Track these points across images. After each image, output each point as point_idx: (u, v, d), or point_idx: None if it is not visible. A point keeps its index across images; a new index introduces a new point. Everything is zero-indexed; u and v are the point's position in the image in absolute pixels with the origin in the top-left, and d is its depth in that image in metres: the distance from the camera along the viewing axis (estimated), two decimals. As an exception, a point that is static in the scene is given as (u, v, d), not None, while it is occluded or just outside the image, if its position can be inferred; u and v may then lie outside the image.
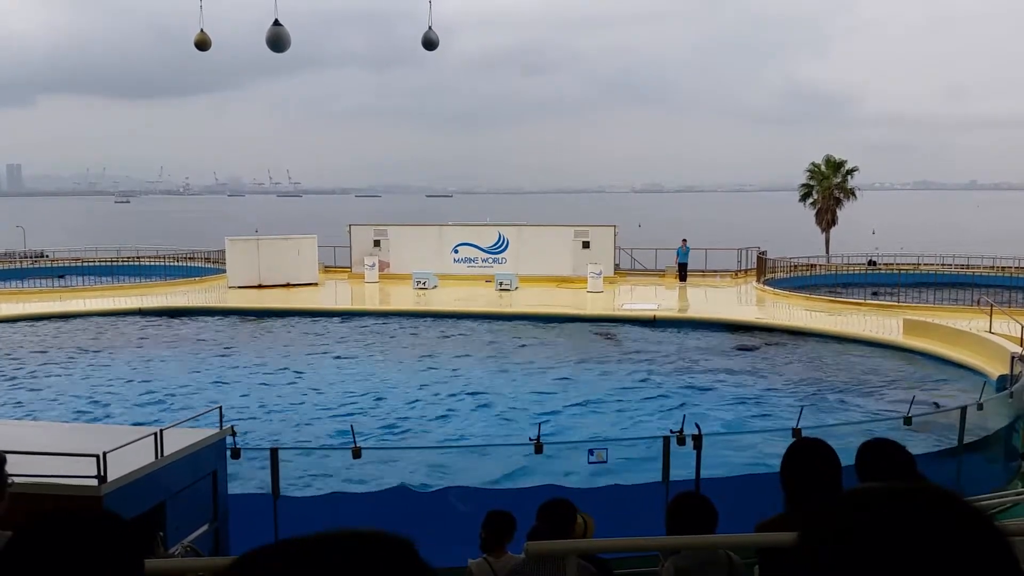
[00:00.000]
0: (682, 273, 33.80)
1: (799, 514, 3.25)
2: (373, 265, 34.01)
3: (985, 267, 34.16)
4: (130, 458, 6.44)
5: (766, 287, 31.46)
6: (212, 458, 7.76)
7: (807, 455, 3.46)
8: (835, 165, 42.42)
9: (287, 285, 32.50)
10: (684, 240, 34.41)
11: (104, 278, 34.31)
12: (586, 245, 34.07)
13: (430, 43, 21.55)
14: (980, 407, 12.18)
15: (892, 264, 35.83)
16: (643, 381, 19.03)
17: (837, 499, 0.92)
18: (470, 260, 35.11)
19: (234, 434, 8.72)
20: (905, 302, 27.08)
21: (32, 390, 18.58)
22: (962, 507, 0.87)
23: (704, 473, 9.57)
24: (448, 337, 24.24)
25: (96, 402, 17.64)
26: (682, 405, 16.19)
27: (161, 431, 6.92)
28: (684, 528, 4.29)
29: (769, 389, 18.31)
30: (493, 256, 35.00)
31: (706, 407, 16.58)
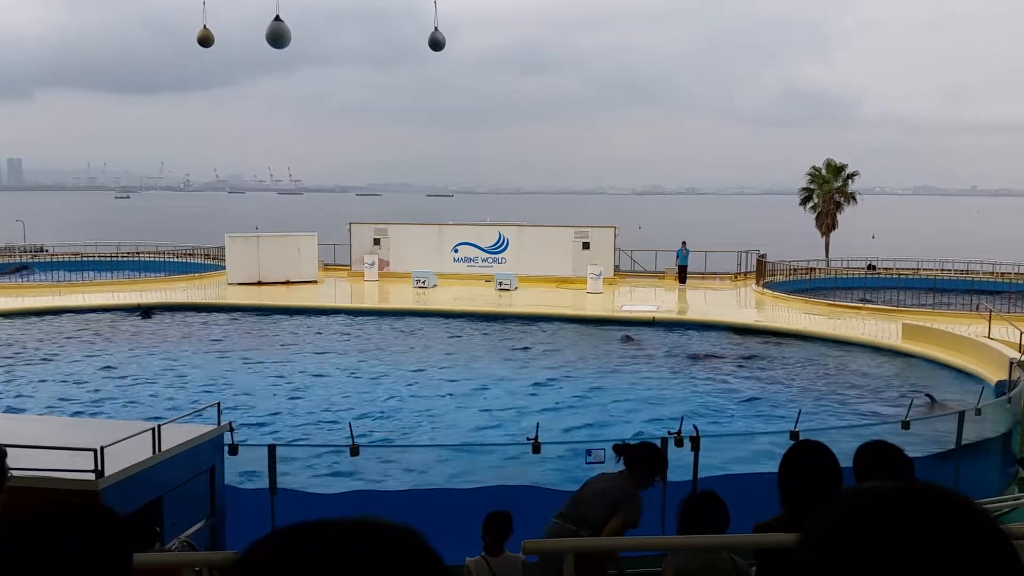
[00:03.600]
0: (681, 275, 33.83)
1: (799, 516, 3.25)
2: (373, 263, 34.02)
3: (985, 273, 34.17)
4: (128, 453, 6.43)
5: (765, 290, 31.45)
6: (210, 454, 7.75)
7: (806, 458, 3.46)
8: (836, 169, 42.44)
9: (287, 282, 32.49)
10: (684, 242, 34.41)
11: (104, 273, 34.29)
12: (586, 246, 34.07)
13: (437, 43, 21.48)
14: (978, 412, 12.18)
15: (892, 268, 35.84)
16: (641, 382, 19.04)
17: (839, 500, 0.91)
18: (470, 260, 35.11)
19: (232, 430, 8.72)
20: (904, 306, 27.08)
21: (30, 384, 18.57)
22: (965, 506, 0.87)
23: (701, 474, 9.57)
24: (447, 336, 24.24)
25: (94, 397, 17.64)
26: (681, 406, 16.17)
27: (159, 426, 6.91)
28: (695, 529, 4.28)
29: (767, 391, 18.31)
30: (493, 256, 35.00)
31: (704, 408, 16.58)
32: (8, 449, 4.29)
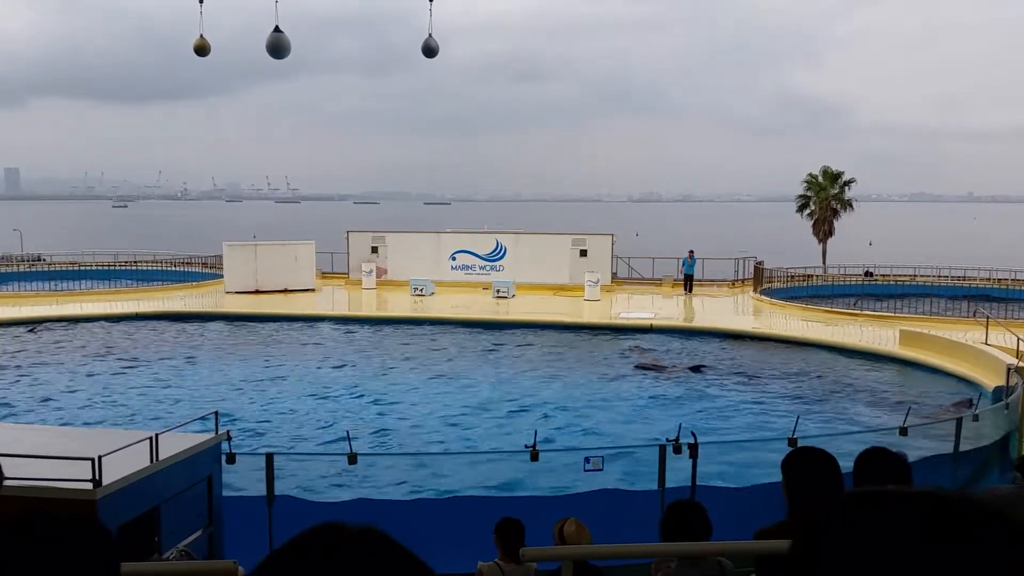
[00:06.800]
0: (687, 284, 33.52)
1: (797, 521, 3.25)
2: (371, 272, 33.98)
3: (982, 279, 34.21)
4: (125, 462, 6.42)
5: (763, 297, 31.47)
6: (207, 463, 7.73)
7: (806, 463, 3.47)
8: (832, 176, 42.53)
9: (284, 291, 32.47)
10: (691, 251, 34.04)
11: (102, 282, 34.26)
12: (583, 253, 34.09)
13: (430, 50, 21.59)
14: (976, 418, 12.21)
15: (889, 275, 35.86)
16: (638, 389, 19.03)
17: (827, 504, 0.92)
18: (467, 267, 35.12)
19: (229, 439, 8.71)
20: (902, 313, 27.09)
21: (28, 394, 18.53)
22: (972, 505, 0.86)
23: (700, 481, 9.57)
24: (444, 344, 24.22)
25: (92, 406, 17.60)
26: (678, 413, 16.17)
27: (157, 435, 6.89)
28: (678, 537, 4.27)
29: (765, 398, 18.31)
30: (491, 264, 35.01)
31: (702, 415, 16.58)
32: (5, 458, 4.28)
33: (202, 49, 21.55)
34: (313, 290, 33.45)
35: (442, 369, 21.10)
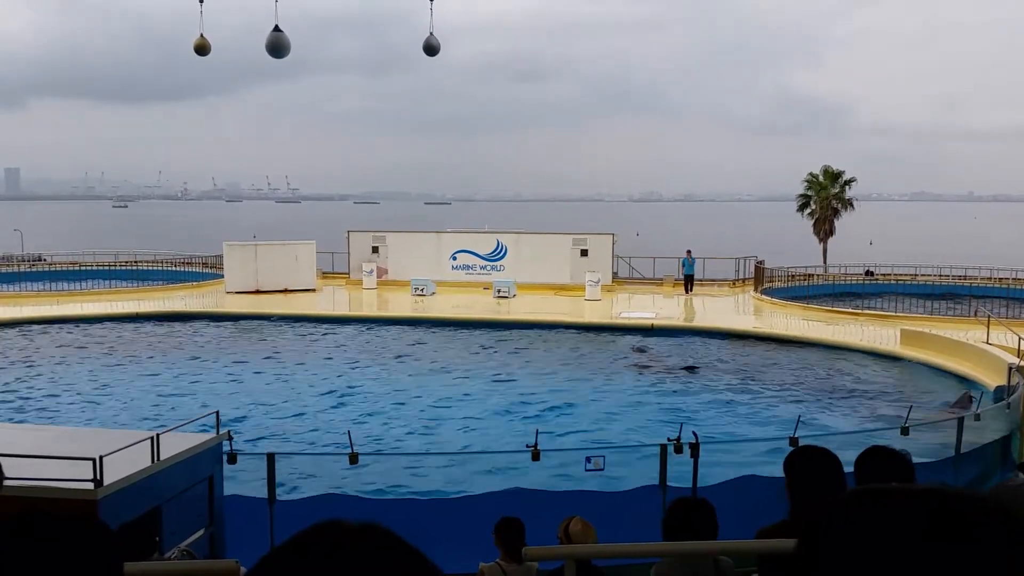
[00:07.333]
0: (687, 284, 33.46)
1: (799, 520, 3.24)
2: (371, 271, 33.99)
3: (983, 278, 34.22)
4: (126, 462, 6.42)
5: (764, 296, 31.47)
6: (208, 463, 7.73)
7: (809, 462, 3.46)
8: (833, 175, 42.52)
9: (285, 291, 32.48)
10: (688, 251, 34.02)
11: (102, 282, 34.28)
12: (584, 253, 34.10)
13: (431, 49, 21.60)
14: (977, 418, 12.21)
15: (890, 274, 35.85)
16: (640, 389, 19.03)
17: (829, 502, 0.91)
18: (468, 267, 35.13)
19: (231, 439, 8.71)
20: (903, 312, 27.08)
21: (28, 394, 18.53)
22: (956, 504, 0.86)
23: (701, 481, 9.57)
24: (445, 344, 24.22)
25: (93, 406, 17.61)
26: (679, 413, 16.17)
27: (158, 435, 6.89)
28: (681, 536, 4.24)
29: (766, 398, 18.30)
30: (491, 263, 35.02)
31: (703, 415, 16.57)
32: (6, 459, 4.28)
33: (202, 49, 21.55)
34: (314, 290, 33.46)
35: (443, 369, 21.10)
